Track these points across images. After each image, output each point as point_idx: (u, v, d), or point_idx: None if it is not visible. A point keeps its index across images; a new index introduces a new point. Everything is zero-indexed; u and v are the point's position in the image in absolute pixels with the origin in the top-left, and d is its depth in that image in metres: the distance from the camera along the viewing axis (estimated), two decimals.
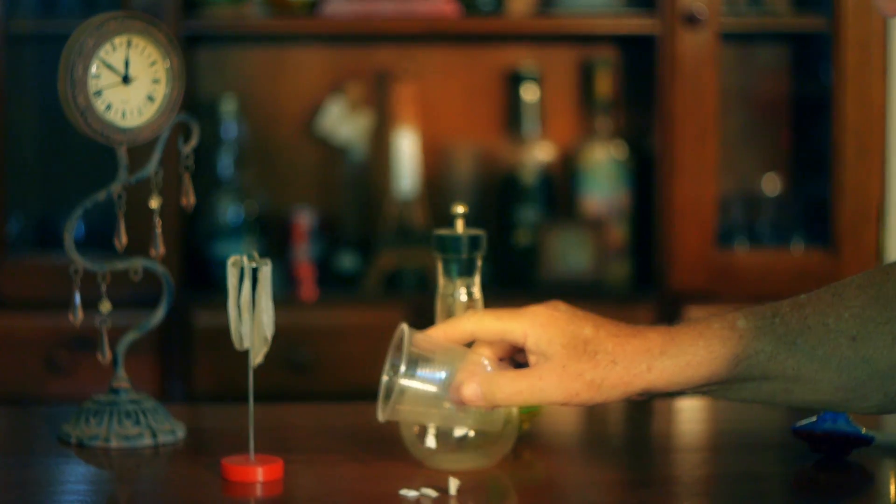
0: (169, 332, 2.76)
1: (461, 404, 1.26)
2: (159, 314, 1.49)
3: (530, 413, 1.43)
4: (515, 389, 1.24)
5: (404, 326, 1.27)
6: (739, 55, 3.08)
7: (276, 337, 1.33)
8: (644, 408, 1.59)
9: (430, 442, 1.28)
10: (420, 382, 1.26)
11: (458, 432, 1.28)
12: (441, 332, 1.28)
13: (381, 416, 1.26)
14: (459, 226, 1.40)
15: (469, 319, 1.28)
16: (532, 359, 1.25)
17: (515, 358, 1.30)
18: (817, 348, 1.22)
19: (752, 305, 1.26)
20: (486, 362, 1.27)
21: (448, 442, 1.33)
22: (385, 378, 1.27)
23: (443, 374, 1.26)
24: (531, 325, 1.25)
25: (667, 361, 1.23)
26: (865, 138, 2.83)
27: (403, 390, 1.25)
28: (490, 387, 1.24)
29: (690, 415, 1.60)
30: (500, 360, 1.29)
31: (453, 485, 1.26)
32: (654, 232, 2.90)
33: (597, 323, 1.26)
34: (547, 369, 1.24)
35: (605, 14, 2.95)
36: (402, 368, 1.25)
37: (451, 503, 1.25)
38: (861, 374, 1.22)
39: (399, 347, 1.27)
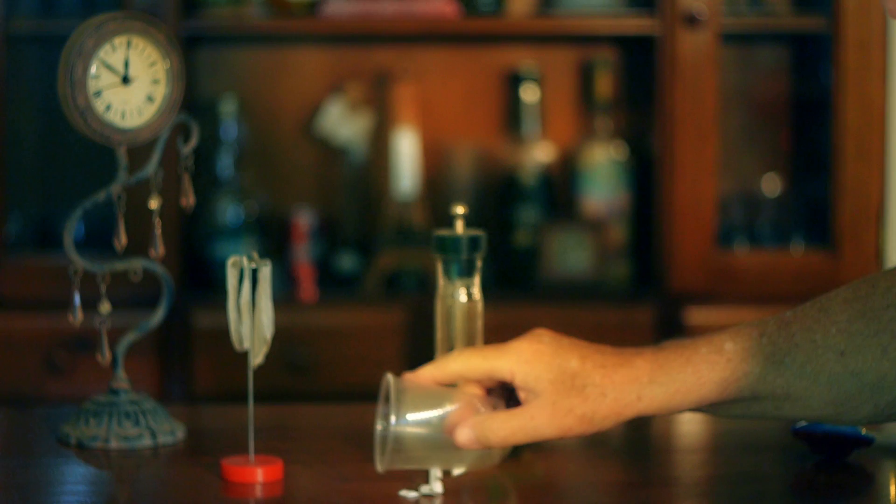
0: (168, 333, 2.76)
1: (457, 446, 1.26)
2: (159, 315, 1.49)
3: None
4: (509, 431, 1.25)
5: (389, 377, 1.27)
6: (739, 56, 3.08)
7: (275, 337, 1.33)
8: None
9: (437, 487, 1.27)
10: (413, 428, 1.26)
11: (457, 472, 1.28)
12: (428, 375, 1.29)
13: (380, 466, 1.26)
14: (459, 226, 1.40)
15: (455, 360, 1.28)
16: (522, 395, 1.26)
17: (505, 386, 1.30)
18: (806, 365, 1.23)
19: (739, 325, 1.26)
20: (477, 402, 1.28)
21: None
22: (378, 428, 1.27)
23: (435, 418, 1.26)
24: (517, 362, 1.26)
25: (656, 390, 1.24)
26: (865, 139, 2.83)
27: (398, 438, 1.25)
28: (483, 430, 1.25)
29: (690, 416, 1.60)
30: (489, 391, 1.30)
31: (437, 484, 1.26)
32: (654, 232, 2.90)
33: (583, 353, 1.26)
34: (537, 407, 1.24)
35: (605, 14, 2.95)
36: (394, 419, 1.25)
37: (451, 503, 1.25)
38: (851, 387, 1.22)
39: (388, 395, 1.27)
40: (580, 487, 1.35)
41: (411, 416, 1.26)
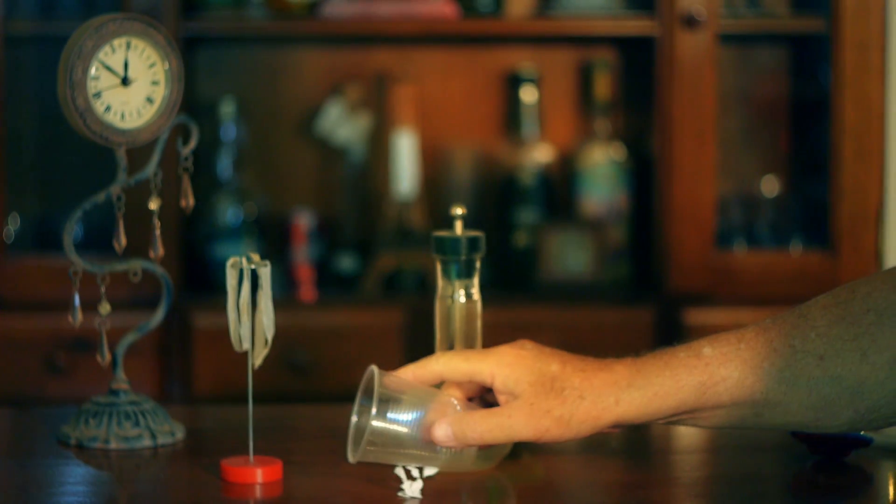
0: (168, 334, 2.76)
1: (432, 445, 1.26)
2: (159, 315, 1.49)
3: None
4: (486, 428, 1.25)
5: (374, 368, 1.28)
6: (738, 57, 3.08)
7: (275, 338, 1.33)
8: None
9: (414, 490, 1.27)
10: (390, 424, 1.27)
11: (429, 472, 1.28)
12: (410, 373, 1.30)
13: (352, 457, 1.27)
14: (458, 227, 1.40)
15: (438, 361, 1.30)
16: (501, 399, 1.27)
17: (485, 398, 1.31)
18: (784, 370, 1.23)
19: (719, 333, 1.26)
20: (455, 403, 1.29)
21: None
22: (354, 419, 1.28)
23: (413, 415, 1.27)
24: (498, 365, 1.27)
25: (634, 393, 1.24)
26: (864, 140, 2.84)
27: (374, 431, 1.26)
28: (461, 426, 1.26)
29: None
30: (470, 399, 1.31)
31: (414, 486, 1.26)
32: (653, 233, 2.90)
33: (563, 359, 1.27)
34: (515, 407, 1.25)
35: (604, 16, 2.95)
36: (374, 410, 1.25)
37: (450, 503, 1.25)
38: (830, 392, 1.22)
39: (368, 389, 1.27)
40: (579, 488, 1.35)
41: (390, 413, 1.26)
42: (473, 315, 1.42)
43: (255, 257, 1.32)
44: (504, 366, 1.26)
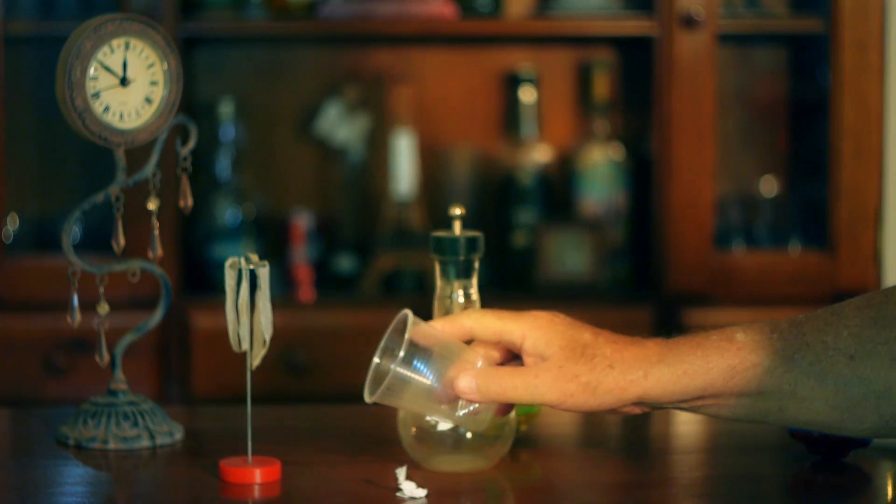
0: (167, 334, 2.76)
1: (453, 399, 1.25)
2: (157, 316, 1.49)
3: (528, 415, 1.43)
4: (510, 384, 1.24)
5: (408, 312, 1.26)
6: (737, 57, 3.08)
7: (273, 339, 1.33)
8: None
9: (412, 490, 1.27)
10: (413, 373, 1.25)
11: (443, 426, 1.28)
12: (440, 326, 1.28)
13: (369, 398, 1.25)
14: (457, 227, 1.40)
15: (469, 316, 1.28)
16: (529, 360, 1.25)
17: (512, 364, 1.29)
18: (815, 364, 1.22)
19: (752, 322, 1.26)
20: (480, 362, 1.27)
21: (446, 443, 1.33)
22: (377, 360, 1.26)
23: (437, 367, 1.25)
24: (530, 327, 1.25)
25: (664, 369, 1.24)
26: (863, 140, 2.84)
27: (396, 376, 1.24)
28: (485, 380, 1.24)
29: (687, 416, 1.60)
30: (497, 364, 1.29)
31: (412, 487, 1.26)
32: (652, 234, 2.90)
33: (596, 331, 1.27)
34: (543, 368, 1.24)
35: (603, 16, 2.95)
36: (401, 353, 1.24)
37: (449, 503, 1.25)
38: (857, 392, 1.22)
39: (398, 331, 1.26)
40: (578, 488, 1.35)
41: (416, 361, 1.25)
42: None
43: (254, 258, 1.32)
44: (536, 328, 1.25)
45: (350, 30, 2.95)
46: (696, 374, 1.23)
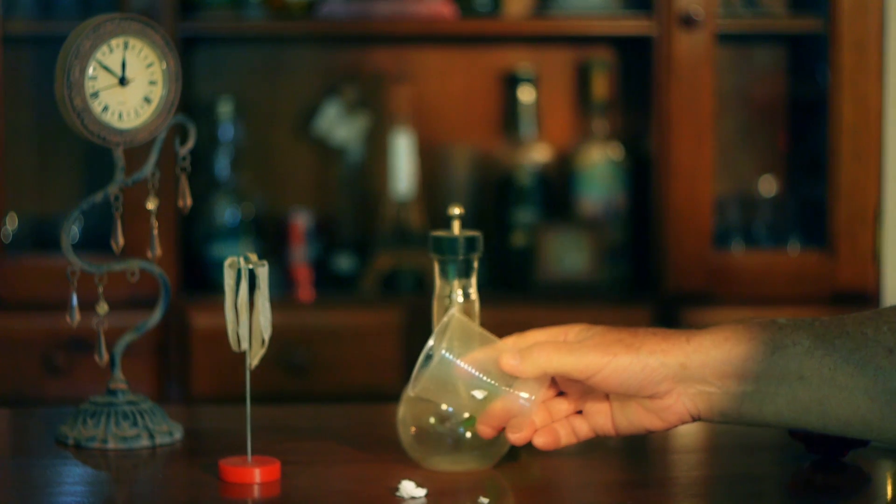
0: (166, 334, 2.76)
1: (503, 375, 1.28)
2: (156, 315, 1.49)
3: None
4: (554, 351, 1.27)
5: (454, 311, 1.31)
6: (736, 56, 3.08)
7: (273, 338, 1.33)
8: None
9: (411, 490, 1.28)
10: (457, 359, 1.29)
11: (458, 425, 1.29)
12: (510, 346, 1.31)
13: (412, 390, 1.29)
14: (456, 227, 1.40)
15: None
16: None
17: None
18: (854, 352, 1.23)
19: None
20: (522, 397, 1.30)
21: (445, 443, 1.33)
22: (424, 356, 1.29)
23: (486, 371, 1.29)
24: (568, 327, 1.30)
25: (705, 335, 1.26)
26: (862, 140, 2.84)
27: (444, 361, 1.27)
28: (529, 351, 1.27)
29: None
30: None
31: (410, 487, 1.26)
32: (651, 233, 2.90)
33: (634, 330, 1.30)
34: (587, 343, 1.27)
35: (602, 15, 2.95)
36: (447, 353, 1.27)
37: (449, 503, 1.25)
38: (895, 385, 1.22)
39: (442, 332, 1.29)
40: (578, 488, 1.35)
41: (459, 351, 1.29)
42: (471, 315, 1.42)
43: (253, 257, 1.32)
44: (575, 325, 1.30)
45: (349, 29, 2.95)
46: (738, 340, 1.25)
